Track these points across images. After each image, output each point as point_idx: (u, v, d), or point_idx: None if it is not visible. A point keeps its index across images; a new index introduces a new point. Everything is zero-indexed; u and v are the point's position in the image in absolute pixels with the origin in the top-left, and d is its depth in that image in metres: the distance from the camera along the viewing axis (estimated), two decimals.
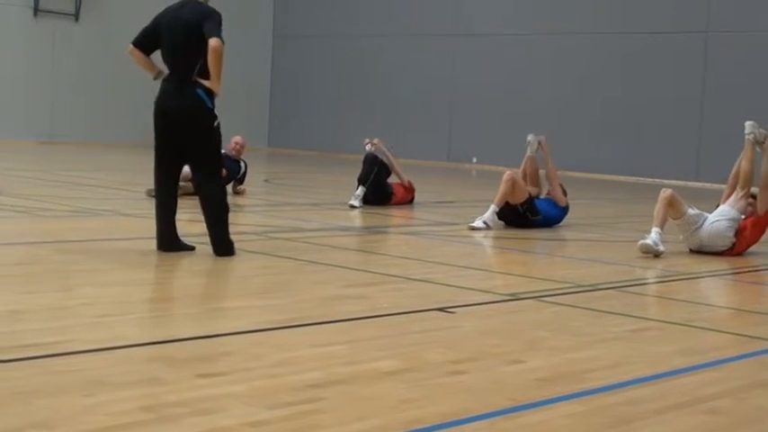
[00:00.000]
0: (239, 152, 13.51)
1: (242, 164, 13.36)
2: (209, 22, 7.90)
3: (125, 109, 26.67)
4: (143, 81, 9.08)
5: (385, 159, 13.67)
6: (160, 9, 8.31)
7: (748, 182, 10.02)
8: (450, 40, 26.48)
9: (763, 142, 10.24)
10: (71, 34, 26.35)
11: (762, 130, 10.24)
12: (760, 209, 9.98)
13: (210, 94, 8.00)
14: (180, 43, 7.99)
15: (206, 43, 7.81)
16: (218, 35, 7.83)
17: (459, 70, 26.38)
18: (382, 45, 27.72)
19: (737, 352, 5.71)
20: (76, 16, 26.31)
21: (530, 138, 12.30)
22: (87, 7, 26.36)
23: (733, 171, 10.32)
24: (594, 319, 6.44)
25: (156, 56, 8.27)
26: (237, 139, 13.64)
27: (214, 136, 8.12)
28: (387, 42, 27.64)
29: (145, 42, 8.21)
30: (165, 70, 8.18)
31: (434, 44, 26.77)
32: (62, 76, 26.22)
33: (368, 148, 13.70)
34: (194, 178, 8.26)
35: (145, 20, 8.39)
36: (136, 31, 8.34)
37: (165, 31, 8.08)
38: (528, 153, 12.17)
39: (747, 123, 10.30)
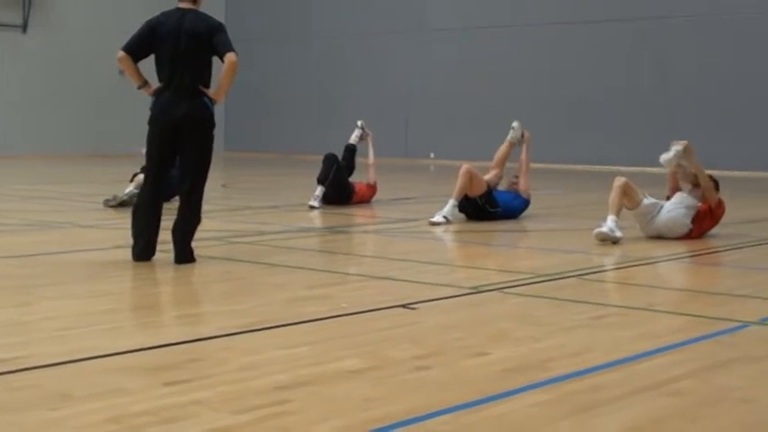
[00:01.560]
0: None
1: None
2: (220, 35, 8.04)
3: (75, 120, 26.53)
4: (92, 92, 9.03)
5: (370, 149, 13.97)
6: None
7: (694, 183, 10.09)
8: (405, 36, 26.51)
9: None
10: (19, 46, 26.14)
11: (670, 156, 10.00)
12: (710, 200, 10.02)
13: (212, 102, 8.13)
14: (185, 52, 8.02)
15: (212, 54, 8.03)
16: (234, 49, 7.99)
17: (414, 66, 26.41)
18: (336, 45, 27.71)
19: (698, 333, 5.77)
20: (24, 28, 26.11)
21: (515, 124, 12.45)
22: (35, 19, 26.16)
23: (669, 181, 10.34)
24: (556, 308, 6.49)
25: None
26: None
27: (212, 145, 8.24)
28: (341, 42, 27.62)
29: (137, 50, 8.16)
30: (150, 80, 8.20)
31: (388, 41, 26.78)
32: (10, 89, 26.01)
33: (359, 124, 14.01)
34: (182, 185, 8.23)
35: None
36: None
37: (164, 40, 8.05)
38: (509, 137, 12.25)
39: (662, 158, 10.05)
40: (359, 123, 14.23)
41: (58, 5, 26.40)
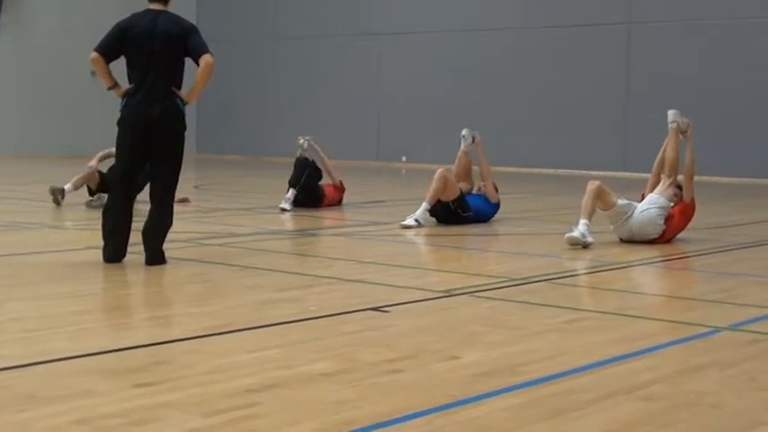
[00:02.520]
0: None
1: None
2: (195, 37, 8.05)
3: (46, 121, 26.35)
4: (63, 92, 8.94)
5: (318, 156, 13.66)
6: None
7: (674, 170, 10.17)
8: (376, 38, 26.49)
9: (686, 131, 10.38)
10: (3, 48, 25.96)
11: (684, 119, 10.38)
12: (686, 197, 10.13)
13: (184, 104, 8.12)
14: (159, 54, 7.97)
15: (185, 56, 8.03)
16: (209, 51, 8.02)
17: (386, 69, 26.41)
18: (307, 47, 27.66)
19: (670, 338, 5.77)
20: None
21: (464, 132, 12.33)
22: (7, 18, 25.98)
23: (657, 160, 10.47)
24: (528, 311, 6.48)
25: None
26: None
27: (183, 146, 8.20)
28: (311, 44, 27.58)
29: (109, 51, 8.08)
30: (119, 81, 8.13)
31: (359, 43, 26.76)
32: None
33: (300, 142, 13.61)
34: (153, 187, 8.17)
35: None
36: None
37: (137, 41, 8.00)
38: (462, 147, 12.21)
39: (670, 112, 10.44)
40: (299, 141, 13.69)
41: (29, 5, 26.22)
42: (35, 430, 3.87)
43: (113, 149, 8.48)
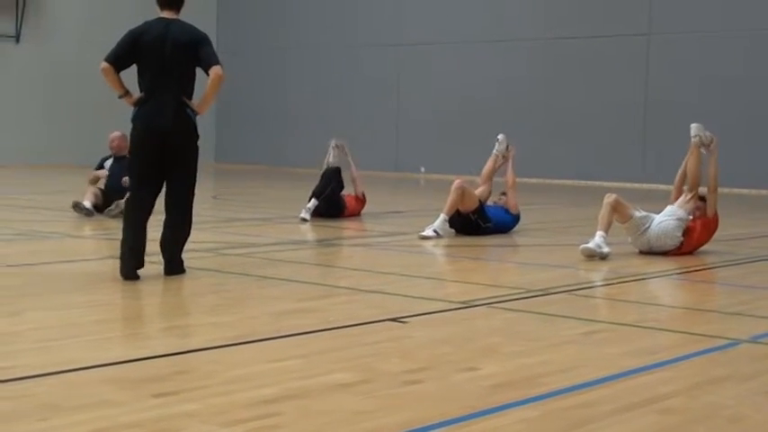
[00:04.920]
0: (120, 148, 13.20)
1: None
2: (206, 47, 8.00)
3: (67, 130, 26.47)
4: (84, 103, 8.94)
5: (346, 162, 13.73)
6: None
7: (696, 184, 10.15)
8: (395, 49, 26.54)
9: (709, 145, 10.35)
10: (11, 56, 26.11)
11: (707, 133, 10.36)
12: (709, 212, 10.09)
13: (195, 114, 8.12)
14: (171, 63, 7.94)
15: (196, 65, 8.01)
16: (219, 62, 7.97)
17: (405, 80, 26.45)
18: (326, 57, 27.72)
19: (688, 351, 5.76)
20: (17, 38, 26.09)
21: (500, 137, 12.40)
22: (28, 29, 26.15)
23: (679, 173, 10.45)
24: (546, 323, 6.48)
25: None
26: (114, 135, 13.55)
27: (197, 156, 8.21)
28: (330, 54, 27.64)
29: (121, 61, 8.03)
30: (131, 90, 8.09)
31: (379, 54, 26.81)
32: (2, 99, 25.97)
33: (333, 144, 13.63)
34: (170, 196, 8.13)
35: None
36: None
37: (149, 48, 7.95)
38: (495, 150, 12.23)
39: (693, 126, 10.41)
40: (331, 143, 13.79)
41: (50, 16, 26.40)
42: None
43: (98, 173, 8.37)
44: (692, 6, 22.20)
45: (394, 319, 6.39)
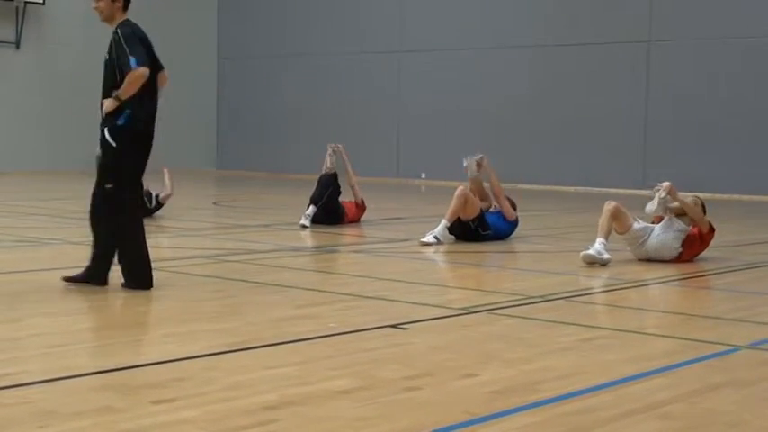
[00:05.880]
0: None
1: None
2: None
3: (67, 137, 26.45)
4: (84, 109, 8.88)
5: (344, 166, 13.74)
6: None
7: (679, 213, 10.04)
8: (396, 55, 26.56)
9: (672, 207, 10.06)
10: (11, 63, 26.13)
11: (666, 200, 9.99)
12: (702, 227, 10.00)
13: None
14: (157, 64, 7.81)
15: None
16: None
17: (406, 87, 26.45)
18: (327, 64, 27.73)
19: (688, 357, 5.76)
20: (17, 44, 26.10)
21: (465, 163, 12.07)
22: (28, 35, 26.16)
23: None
24: (546, 329, 6.48)
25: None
26: None
27: None
28: (332, 61, 27.65)
29: (148, 64, 7.70)
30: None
31: (380, 61, 26.82)
32: (2, 105, 25.98)
33: (332, 148, 13.60)
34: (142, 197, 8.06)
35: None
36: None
37: (152, 52, 7.77)
38: (469, 176, 12.05)
39: (648, 208, 10.04)
40: (329, 149, 13.66)
41: (51, 22, 26.41)
42: None
43: None
44: (691, 13, 22.21)
45: (394, 326, 6.40)
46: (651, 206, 9.91)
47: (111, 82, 7.67)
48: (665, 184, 9.92)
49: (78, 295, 7.40)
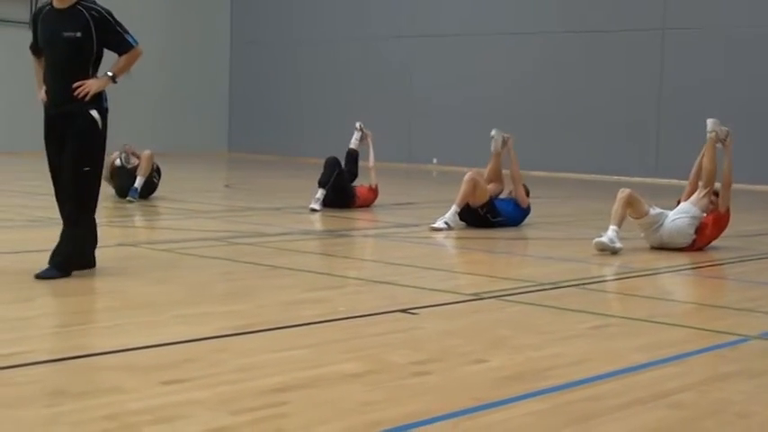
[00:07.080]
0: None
1: None
2: None
3: None
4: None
5: (367, 148, 13.97)
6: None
7: (711, 180, 10.10)
8: (407, 41, 26.50)
9: (725, 140, 10.30)
10: (25, 43, 26.09)
11: (723, 128, 10.31)
12: (721, 206, 10.05)
13: None
14: None
15: None
16: None
17: (417, 71, 26.40)
18: (339, 49, 27.70)
19: (698, 346, 5.75)
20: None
21: (493, 132, 12.20)
22: None
23: (694, 168, 10.39)
24: (556, 316, 6.47)
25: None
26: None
27: None
28: (344, 46, 27.62)
29: None
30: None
31: (392, 46, 26.78)
32: (16, 85, 26.00)
33: (358, 126, 14.12)
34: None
35: None
36: None
37: None
38: (492, 149, 12.11)
39: (709, 121, 10.36)
40: (357, 125, 14.28)
41: None
42: (64, 425, 3.91)
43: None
44: (706, 0, 22.11)
45: (403, 311, 6.39)
46: (714, 124, 10.32)
47: (78, 60, 7.58)
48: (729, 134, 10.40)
49: (89, 276, 7.40)
